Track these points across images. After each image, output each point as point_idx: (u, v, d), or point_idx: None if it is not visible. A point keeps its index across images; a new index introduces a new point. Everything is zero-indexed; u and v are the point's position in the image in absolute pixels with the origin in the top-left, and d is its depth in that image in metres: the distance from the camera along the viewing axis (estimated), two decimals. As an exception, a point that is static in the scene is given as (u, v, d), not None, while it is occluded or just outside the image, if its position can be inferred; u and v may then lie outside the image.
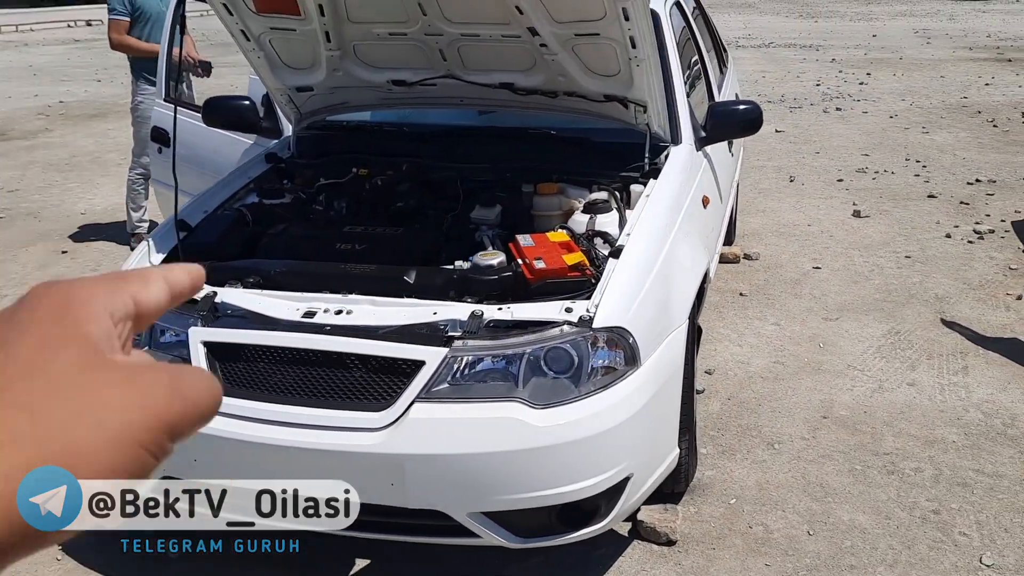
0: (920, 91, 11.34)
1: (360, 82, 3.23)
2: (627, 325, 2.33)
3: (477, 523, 2.23)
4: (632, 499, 2.38)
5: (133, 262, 2.72)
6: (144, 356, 0.40)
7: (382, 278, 2.51)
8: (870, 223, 5.88)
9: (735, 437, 3.29)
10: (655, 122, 3.05)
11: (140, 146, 5.38)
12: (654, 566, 2.61)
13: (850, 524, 2.77)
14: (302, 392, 2.30)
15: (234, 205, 3.04)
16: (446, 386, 2.24)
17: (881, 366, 3.83)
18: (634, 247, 2.53)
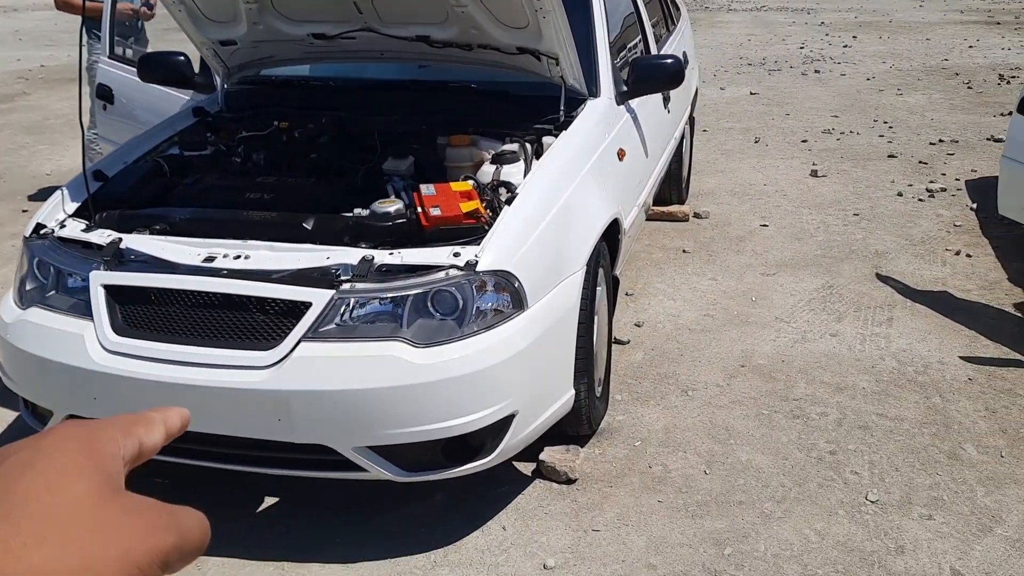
0: (903, 54, 11.27)
1: (281, 35, 3.27)
2: (512, 269, 2.40)
3: (363, 457, 2.32)
4: (519, 436, 2.47)
5: (45, 212, 2.79)
6: (140, 497, 0.46)
7: (281, 224, 2.58)
8: (825, 183, 5.91)
9: (651, 385, 3.37)
10: (569, 75, 3.09)
11: (96, 106, 5.43)
12: (551, 503, 2.70)
13: (747, 464, 2.86)
14: (197, 333, 2.39)
15: (153, 157, 3.11)
16: (333, 327, 2.32)
17: (808, 318, 3.90)
18: (527, 194, 2.60)
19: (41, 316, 2.52)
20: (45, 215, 2.76)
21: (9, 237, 5.16)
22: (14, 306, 2.62)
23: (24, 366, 2.54)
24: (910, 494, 2.70)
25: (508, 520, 2.63)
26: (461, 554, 2.50)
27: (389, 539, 2.57)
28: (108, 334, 2.40)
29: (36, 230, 2.71)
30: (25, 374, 2.57)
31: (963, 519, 2.59)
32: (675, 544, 2.51)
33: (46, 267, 2.61)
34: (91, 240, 2.62)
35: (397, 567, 2.45)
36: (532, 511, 2.67)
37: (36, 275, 2.64)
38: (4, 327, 2.58)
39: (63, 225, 2.70)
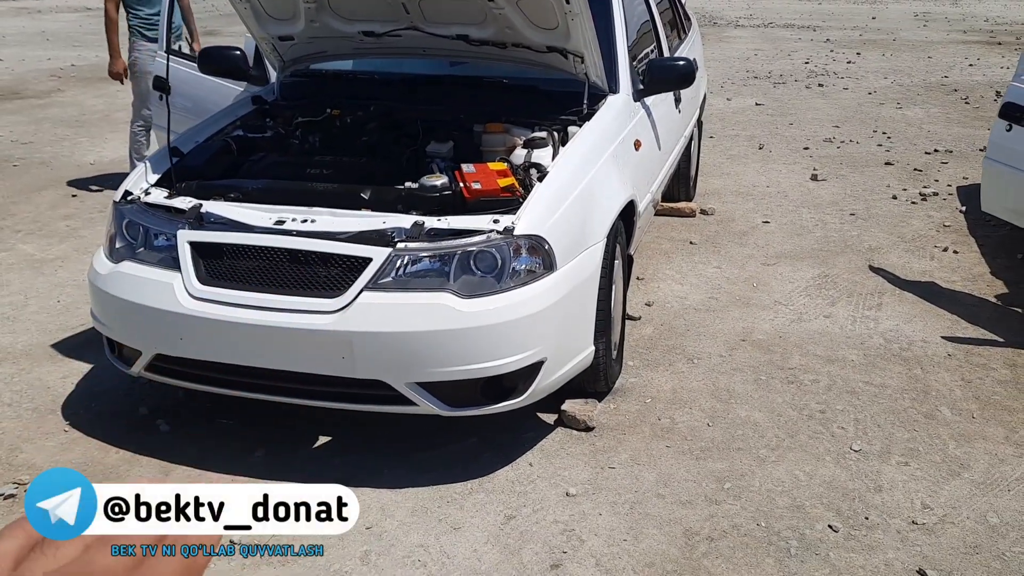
0: (905, 70, 11.66)
1: (335, 32, 3.65)
2: (544, 234, 2.77)
3: (414, 392, 2.68)
4: (547, 381, 2.83)
5: (131, 181, 3.17)
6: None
7: (342, 193, 2.95)
8: (825, 186, 6.28)
9: (661, 354, 3.73)
10: (592, 72, 3.47)
11: (140, 100, 5.82)
12: (572, 445, 3.06)
13: (745, 419, 3.22)
14: (271, 283, 2.76)
15: (222, 137, 3.49)
16: (390, 279, 2.69)
17: (804, 302, 4.26)
18: (557, 172, 2.97)
19: (134, 268, 2.89)
20: (131, 184, 3.14)
21: (62, 218, 5.54)
22: (107, 261, 2.99)
23: (118, 311, 2.91)
24: (889, 446, 3.05)
25: (534, 458, 2.99)
26: (494, 483, 2.86)
27: (430, 471, 2.92)
28: (194, 283, 2.77)
29: (124, 196, 3.09)
30: (118, 318, 2.94)
31: (935, 466, 2.94)
32: (681, 479, 2.86)
33: (135, 227, 2.98)
34: (174, 205, 2.99)
35: (439, 492, 2.81)
36: (555, 452, 3.03)
37: (125, 235, 3.01)
38: (99, 278, 2.95)
39: (148, 192, 3.08)
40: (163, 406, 3.29)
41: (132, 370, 2.97)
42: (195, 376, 2.90)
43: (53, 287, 4.43)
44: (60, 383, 3.49)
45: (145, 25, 5.71)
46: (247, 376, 2.81)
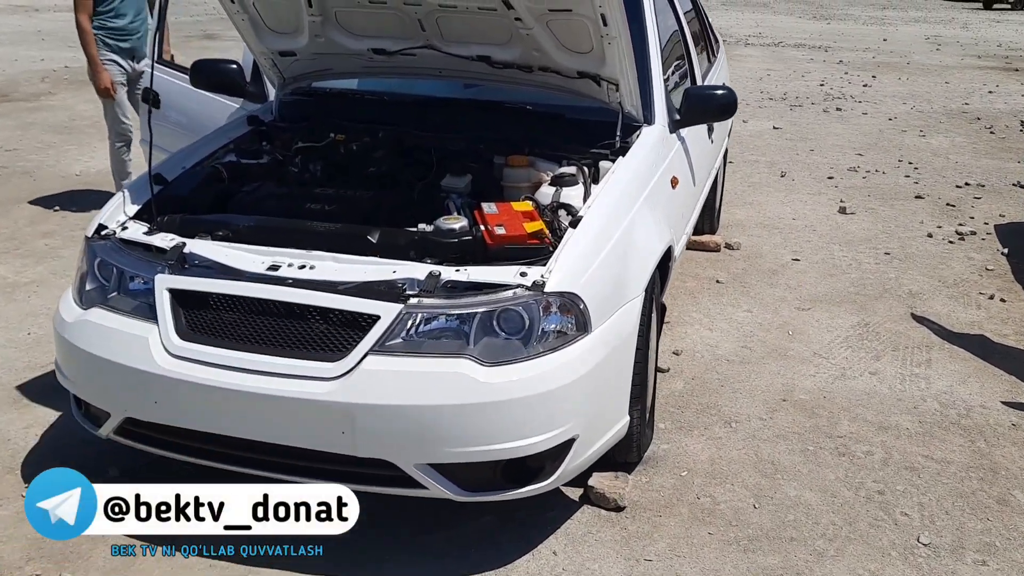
0: (923, 96, 11.35)
1: (342, 49, 3.28)
2: (579, 291, 2.40)
3: (424, 474, 2.30)
4: (577, 461, 2.45)
5: (107, 213, 2.79)
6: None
7: (346, 236, 2.58)
8: (855, 220, 5.93)
9: (694, 414, 3.35)
10: (627, 101, 3.10)
11: (112, 115, 5.42)
12: (600, 529, 2.68)
13: (796, 500, 2.84)
14: (262, 341, 2.38)
15: (211, 163, 3.11)
16: (400, 341, 2.31)
17: (846, 355, 3.90)
18: (592, 218, 2.60)
19: (103, 317, 2.51)
20: (107, 216, 2.77)
21: (41, 236, 5.15)
22: (74, 305, 2.61)
23: (84, 366, 2.53)
24: (962, 538, 2.68)
25: (559, 545, 2.61)
26: (513, 577, 2.48)
27: (440, 559, 2.54)
28: (173, 338, 2.39)
29: (98, 231, 2.71)
30: (84, 374, 2.56)
31: (1018, 567, 2.57)
32: (729, 577, 2.49)
33: (108, 268, 2.60)
34: (153, 243, 2.61)
35: (449, 587, 2.43)
36: (582, 537, 2.65)
37: (97, 275, 2.63)
38: (65, 326, 2.57)
39: (125, 227, 2.70)
40: (135, 467, 2.89)
41: (99, 432, 2.59)
42: (170, 444, 2.51)
43: (24, 316, 4.04)
44: (22, 434, 3.10)
45: (113, 35, 5.32)
46: (229, 447, 2.43)
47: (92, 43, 5.28)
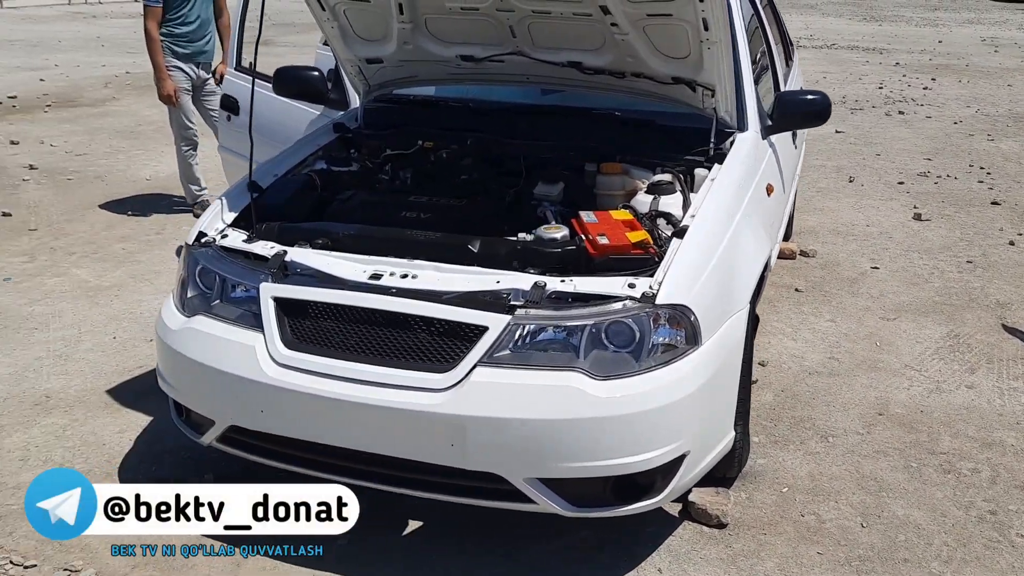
0: (986, 99, 11.06)
1: (429, 56, 3.26)
2: (690, 303, 2.34)
3: (533, 489, 2.26)
4: (687, 477, 2.39)
5: (206, 221, 2.79)
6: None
7: (447, 245, 2.54)
8: (931, 227, 5.78)
9: (788, 428, 3.27)
10: (722, 107, 3.03)
11: (177, 121, 5.49)
12: (704, 547, 2.61)
13: (904, 519, 2.75)
14: (367, 350, 2.35)
15: (303, 171, 3.11)
16: (507, 352, 2.27)
17: (939, 367, 3.77)
18: (699, 228, 2.53)
19: (208, 325, 2.50)
20: (206, 224, 2.77)
21: (118, 240, 5.22)
22: (177, 312, 2.62)
23: (189, 373, 2.53)
24: (1084, 562, 2.57)
25: (663, 563, 2.55)
26: (618, 595, 2.43)
27: (541, 573, 2.49)
28: (279, 347, 2.38)
29: (198, 238, 2.71)
30: (188, 381, 2.56)
31: None
32: (843, 600, 2.41)
33: (210, 275, 2.60)
34: (254, 251, 2.61)
35: (554, 605, 2.38)
36: (687, 555, 2.58)
37: (198, 283, 2.64)
38: (169, 333, 2.58)
39: (224, 235, 2.70)
40: (231, 474, 2.89)
41: (202, 440, 2.58)
42: (275, 452, 2.50)
43: (109, 320, 4.08)
44: (117, 439, 3.12)
45: (179, 41, 5.38)
46: (335, 457, 2.41)
47: (159, 51, 5.34)
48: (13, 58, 12.61)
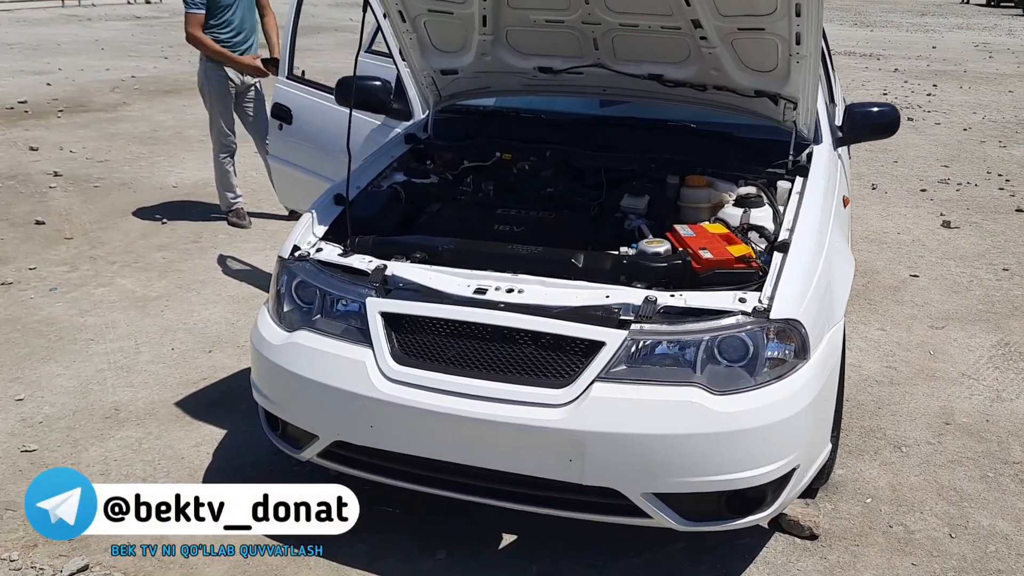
0: (990, 105, 11.20)
1: (507, 67, 3.26)
2: (800, 317, 2.35)
3: (650, 504, 2.26)
4: (795, 490, 2.41)
5: (298, 234, 2.78)
6: None
7: (550, 260, 2.55)
8: (961, 234, 5.84)
9: (860, 438, 3.30)
10: (802, 120, 3.05)
11: (217, 127, 5.44)
12: (799, 558, 2.63)
13: (991, 530, 2.78)
14: (478, 366, 2.35)
15: (384, 183, 3.10)
16: (624, 368, 2.28)
17: (996, 376, 3.82)
18: (801, 242, 2.55)
19: (312, 340, 2.49)
20: (299, 237, 2.75)
21: (156, 249, 5.18)
22: (276, 327, 2.60)
23: (292, 388, 2.51)
24: None
25: (762, 573, 2.56)
26: (724, 608, 2.44)
27: (644, 587, 2.51)
28: (389, 362, 2.37)
29: (292, 252, 2.70)
30: (291, 396, 2.54)
31: None
32: (948, 611, 2.43)
33: (310, 289, 2.59)
34: (351, 265, 2.60)
35: (664, 617, 2.39)
36: (783, 567, 2.60)
37: (295, 297, 2.62)
38: (270, 348, 2.56)
39: (319, 249, 2.69)
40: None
41: (302, 455, 2.57)
42: (380, 467, 2.49)
43: (164, 332, 4.05)
44: (194, 452, 3.10)
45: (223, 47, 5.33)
46: (443, 472, 2.40)
47: (215, 46, 5.24)
48: (15, 62, 12.49)
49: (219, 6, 5.19)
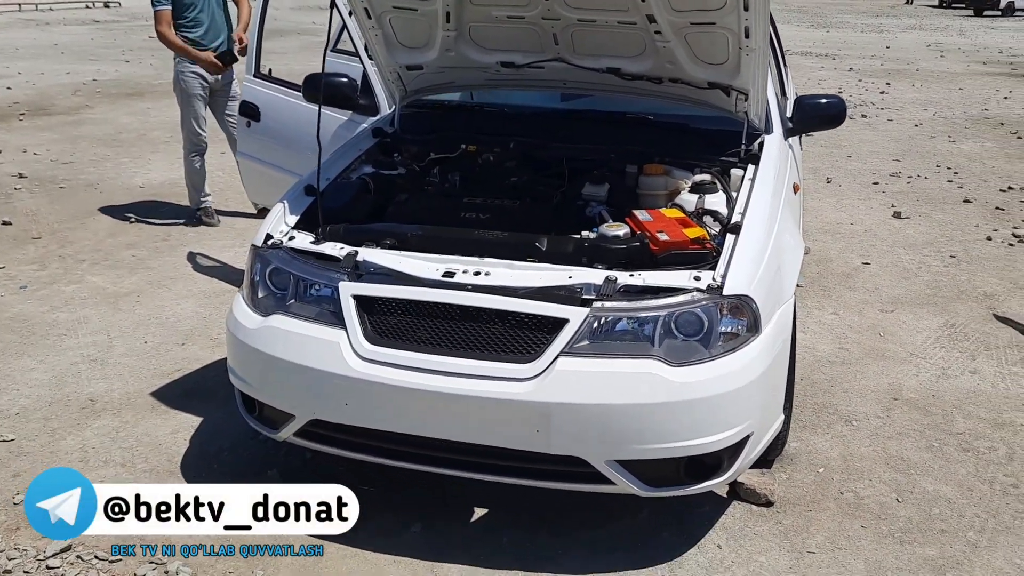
0: (941, 102, 11.56)
1: (470, 63, 3.37)
2: (751, 294, 2.50)
3: (613, 471, 2.39)
4: (750, 456, 2.55)
5: (271, 223, 2.86)
6: None
7: (514, 243, 2.67)
8: (911, 224, 6.07)
9: (813, 414, 3.46)
10: (753, 110, 3.20)
11: (187, 126, 5.48)
12: (756, 523, 2.78)
13: (935, 494, 2.95)
14: (449, 344, 2.46)
15: (353, 175, 3.20)
16: (587, 343, 2.40)
17: (942, 355, 4.01)
18: (752, 223, 2.70)
19: (287, 323, 2.58)
20: (271, 226, 2.84)
21: (125, 247, 5.21)
22: (252, 313, 2.69)
23: (268, 370, 2.60)
24: (1102, 527, 2.79)
25: (721, 539, 2.70)
26: (686, 570, 2.57)
27: (612, 552, 2.63)
28: (363, 342, 2.47)
29: (265, 240, 2.79)
30: (268, 378, 2.63)
31: None
32: (894, 568, 2.58)
33: (283, 275, 2.68)
34: (323, 252, 2.70)
35: (630, 581, 2.52)
36: (741, 531, 2.74)
37: (269, 284, 2.71)
38: (246, 332, 2.65)
39: (291, 237, 2.78)
40: (292, 468, 2.97)
41: (279, 435, 2.66)
42: (353, 444, 2.59)
43: (136, 326, 4.10)
44: (171, 439, 3.16)
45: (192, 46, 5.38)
46: (416, 447, 2.51)
47: (177, 41, 5.29)
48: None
49: (185, 5, 5.25)
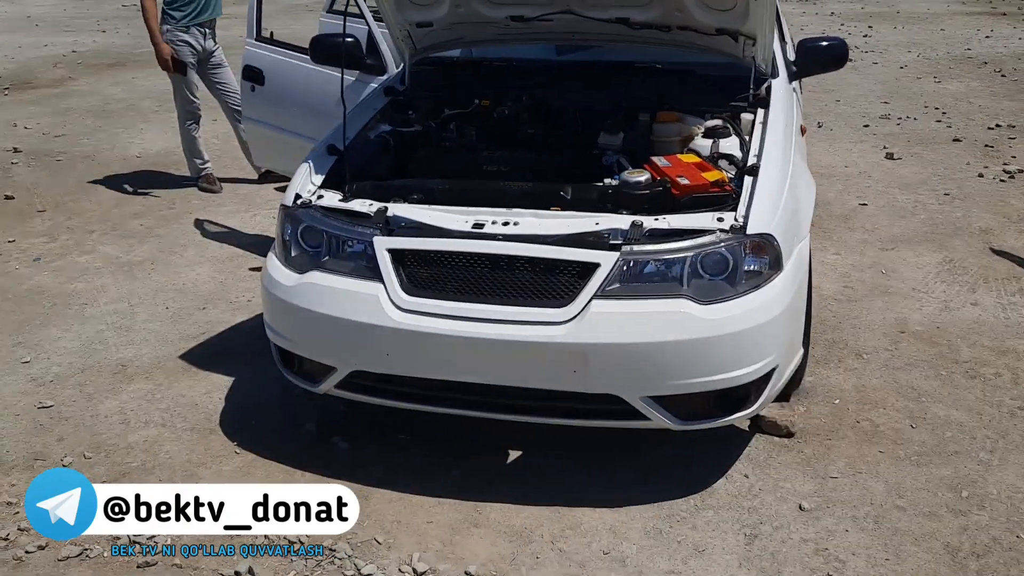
0: (924, 43, 11.59)
1: (480, 17, 3.41)
2: (773, 231, 2.59)
3: (648, 406, 2.50)
4: (775, 388, 2.67)
5: (298, 183, 2.92)
6: None
7: (540, 193, 2.74)
8: (904, 164, 6.17)
9: (825, 349, 3.58)
10: (760, 55, 3.27)
11: (180, 93, 5.47)
12: (779, 454, 2.90)
13: (947, 419, 3.08)
14: (484, 292, 2.55)
15: (371, 134, 3.24)
16: (618, 285, 2.49)
17: (943, 289, 4.14)
18: (769, 165, 2.78)
19: (325, 279, 2.65)
20: (299, 186, 2.90)
21: (132, 217, 5.24)
22: (287, 270, 2.75)
23: (311, 326, 2.68)
24: (1105, 442, 2.94)
25: (747, 469, 2.83)
26: (716, 498, 2.70)
27: (641, 485, 2.75)
28: (400, 294, 2.55)
29: (295, 199, 2.85)
30: (310, 333, 2.71)
31: None
32: (913, 488, 2.72)
33: (316, 233, 2.74)
34: (353, 208, 2.76)
35: (663, 510, 2.64)
36: (765, 461, 2.87)
37: (301, 242, 2.77)
38: (284, 289, 2.71)
39: (320, 196, 2.84)
40: (328, 421, 3.07)
41: (320, 387, 2.75)
42: (394, 393, 2.68)
43: (155, 292, 4.16)
44: (206, 399, 3.25)
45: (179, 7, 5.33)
46: (456, 392, 2.61)
47: (153, 16, 5.27)
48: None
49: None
